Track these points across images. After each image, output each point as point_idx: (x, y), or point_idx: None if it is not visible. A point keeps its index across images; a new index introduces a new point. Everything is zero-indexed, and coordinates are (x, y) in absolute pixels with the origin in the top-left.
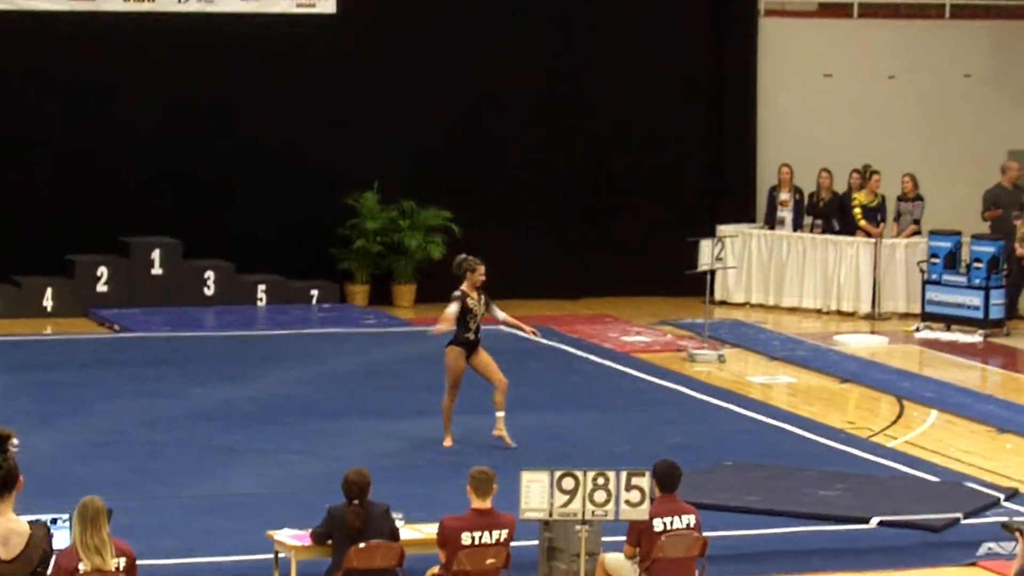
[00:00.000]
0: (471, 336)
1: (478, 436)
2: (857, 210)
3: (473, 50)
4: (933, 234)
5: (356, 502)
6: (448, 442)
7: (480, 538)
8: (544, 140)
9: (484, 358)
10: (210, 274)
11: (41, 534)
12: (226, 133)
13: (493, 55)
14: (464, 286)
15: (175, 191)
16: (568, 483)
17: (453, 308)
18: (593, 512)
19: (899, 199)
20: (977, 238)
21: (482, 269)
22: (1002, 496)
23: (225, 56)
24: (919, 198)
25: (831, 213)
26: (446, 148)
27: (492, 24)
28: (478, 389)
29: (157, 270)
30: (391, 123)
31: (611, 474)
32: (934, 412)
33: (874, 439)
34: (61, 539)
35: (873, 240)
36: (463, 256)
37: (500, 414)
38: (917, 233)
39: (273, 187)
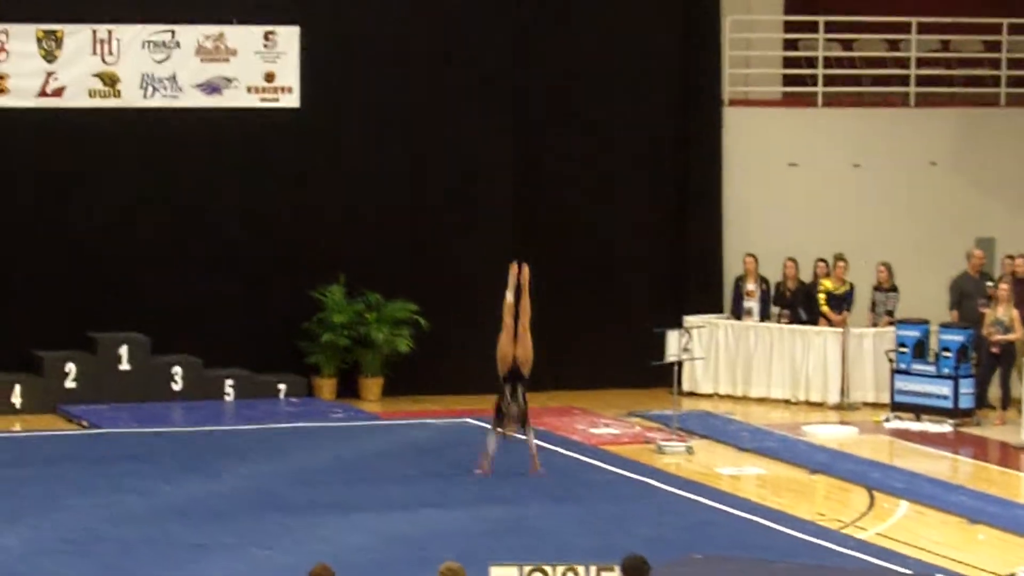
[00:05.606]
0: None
1: (448, 528)
2: (822, 296)
3: (435, 143)
4: (901, 323)
5: None
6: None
7: None
8: (512, 231)
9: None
10: (178, 369)
11: None
12: (191, 229)
13: (456, 147)
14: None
15: (142, 287)
16: None
17: None
18: None
19: (874, 288)
20: (945, 327)
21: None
22: None
23: (191, 151)
24: (894, 288)
25: (797, 303)
26: (412, 239)
27: (454, 115)
28: (438, 481)
29: (125, 366)
30: (356, 215)
31: (580, 568)
32: (905, 503)
33: (845, 531)
34: None
35: (841, 330)
36: None
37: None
38: (892, 324)
39: (240, 281)
